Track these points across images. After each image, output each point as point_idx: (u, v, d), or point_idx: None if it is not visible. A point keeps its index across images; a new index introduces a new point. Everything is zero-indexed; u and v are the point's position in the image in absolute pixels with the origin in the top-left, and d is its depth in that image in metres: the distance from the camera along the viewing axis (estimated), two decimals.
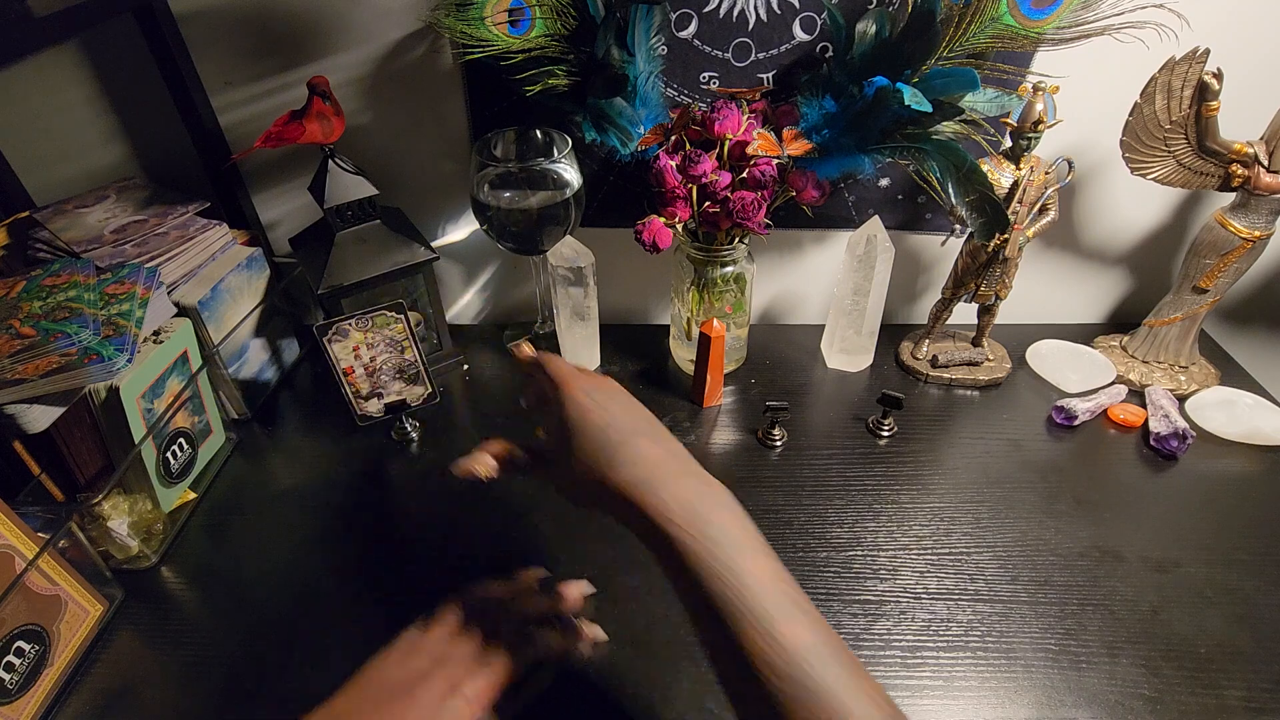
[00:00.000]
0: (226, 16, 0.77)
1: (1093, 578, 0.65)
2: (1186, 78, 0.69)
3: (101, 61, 0.80)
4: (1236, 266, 0.78)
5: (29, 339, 0.59)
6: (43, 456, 0.66)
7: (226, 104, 0.83)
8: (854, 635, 0.60)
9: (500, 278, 0.98)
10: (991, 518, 0.70)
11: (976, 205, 0.68)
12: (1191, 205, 0.89)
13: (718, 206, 0.73)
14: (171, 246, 0.74)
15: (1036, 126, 0.71)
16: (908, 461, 0.77)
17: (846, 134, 0.71)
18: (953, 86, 0.66)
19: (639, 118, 0.76)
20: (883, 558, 0.67)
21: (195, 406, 0.74)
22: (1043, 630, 0.60)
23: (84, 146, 0.85)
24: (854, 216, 0.89)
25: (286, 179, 0.90)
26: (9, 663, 0.54)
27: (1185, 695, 0.56)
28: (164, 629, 0.63)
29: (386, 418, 0.79)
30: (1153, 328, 0.86)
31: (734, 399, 0.86)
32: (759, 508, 0.72)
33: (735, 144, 0.72)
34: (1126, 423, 0.81)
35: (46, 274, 0.66)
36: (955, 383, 0.88)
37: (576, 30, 0.70)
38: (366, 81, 0.81)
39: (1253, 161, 0.73)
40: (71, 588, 0.59)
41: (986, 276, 0.81)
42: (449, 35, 0.72)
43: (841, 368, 0.91)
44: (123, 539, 0.65)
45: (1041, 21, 0.66)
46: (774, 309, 1.00)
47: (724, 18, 0.75)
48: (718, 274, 0.80)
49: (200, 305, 0.74)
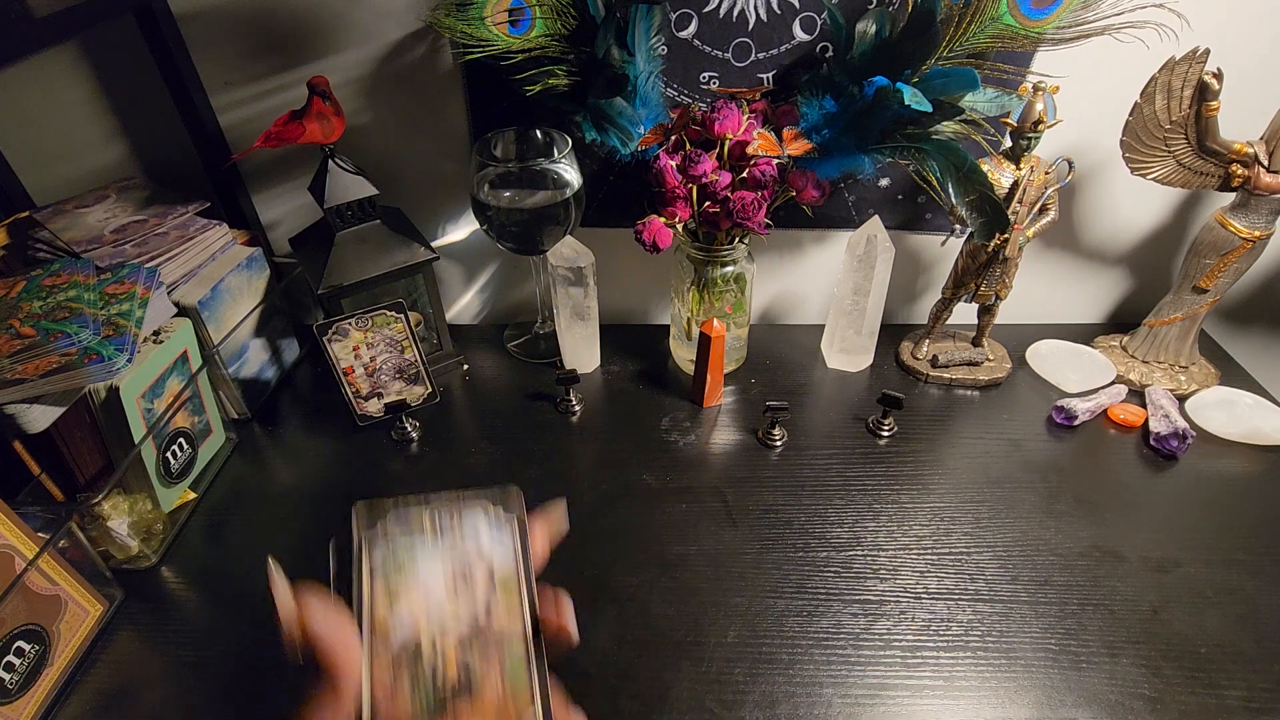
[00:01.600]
0: (226, 16, 0.77)
1: (1093, 578, 0.65)
2: (1186, 78, 0.69)
3: (101, 61, 0.80)
4: (1236, 266, 0.78)
5: (29, 339, 0.59)
6: (43, 456, 0.66)
7: (226, 104, 0.83)
8: (854, 635, 0.60)
9: (500, 278, 0.98)
10: (992, 518, 0.70)
11: (976, 205, 0.68)
12: (1191, 205, 0.89)
13: (718, 206, 0.73)
14: (171, 246, 0.74)
15: (1036, 126, 0.71)
16: (908, 461, 0.77)
17: (846, 134, 0.71)
18: (953, 86, 0.66)
19: (639, 118, 0.76)
20: (883, 558, 0.67)
21: (195, 406, 0.74)
22: (1043, 630, 0.60)
23: (84, 146, 0.85)
24: (854, 216, 0.89)
25: (286, 179, 0.90)
26: (9, 663, 0.54)
27: (1186, 695, 0.56)
28: (164, 629, 0.63)
29: (386, 418, 0.79)
30: (1153, 328, 0.86)
31: (734, 399, 0.86)
32: (759, 508, 0.72)
33: (735, 144, 0.72)
34: (1127, 423, 0.81)
35: (46, 274, 0.66)
36: (955, 383, 0.88)
37: (576, 30, 0.70)
38: (366, 81, 0.81)
39: (1253, 161, 0.72)
40: (71, 588, 0.59)
41: (987, 276, 0.81)
42: (449, 35, 0.72)
43: (841, 368, 0.91)
44: (123, 539, 0.65)
45: (1041, 21, 0.66)
46: (774, 309, 1.00)
47: (724, 18, 0.75)
48: (718, 274, 0.80)
49: (200, 305, 0.74)
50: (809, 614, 0.62)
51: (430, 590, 0.31)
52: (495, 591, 0.32)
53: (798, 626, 0.61)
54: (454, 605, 0.32)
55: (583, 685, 0.56)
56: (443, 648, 0.31)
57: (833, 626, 0.61)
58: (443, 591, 0.32)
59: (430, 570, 0.32)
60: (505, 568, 0.33)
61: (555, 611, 0.33)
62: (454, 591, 0.32)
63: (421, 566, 0.32)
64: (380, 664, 0.30)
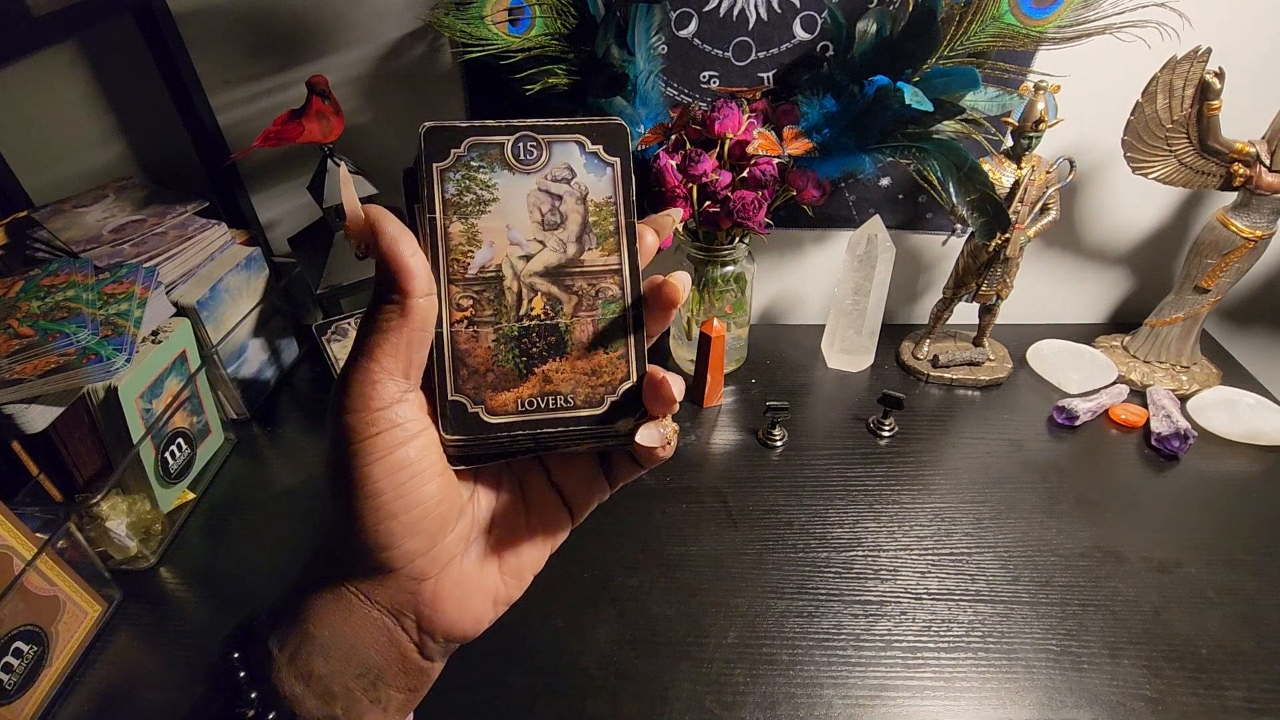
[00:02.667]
0: (226, 16, 0.77)
1: (1094, 578, 0.64)
2: (1188, 77, 0.69)
3: (100, 61, 0.80)
4: (1238, 266, 0.78)
5: (27, 339, 0.59)
6: (41, 457, 0.66)
7: (225, 103, 0.83)
8: (855, 636, 0.60)
9: None
10: (992, 518, 0.70)
11: (978, 205, 0.68)
12: (1193, 205, 0.88)
13: (718, 206, 0.72)
14: (170, 246, 0.74)
15: (1038, 126, 0.71)
16: (909, 462, 0.77)
17: (847, 133, 0.71)
18: (954, 85, 0.66)
19: (639, 117, 0.76)
20: (883, 558, 0.66)
21: (194, 406, 0.74)
22: (1044, 631, 0.60)
23: (83, 146, 0.85)
24: (854, 216, 0.89)
25: (285, 178, 0.89)
26: (7, 663, 0.53)
27: (1187, 696, 0.55)
28: (163, 630, 0.63)
29: None
30: (1154, 327, 0.86)
31: (734, 399, 0.86)
32: (759, 508, 0.71)
33: (735, 143, 0.71)
34: (1128, 423, 0.80)
35: (45, 274, 0.66)
36: (956, 383, 0.87)
37: (576, 29, 0.70)
38: (366, 81, 0.81)
39: (1254, 161, 0.72)
40: (70, 588, 0.59)
41: (987, 276, 0.81)
42: (448, 34, 0.72)
43: (842, 368, 0.91)
44: (121, 539, 0.65)
45: (1043, 20, 0.66)
46: (774, 309, 1.00)
47: (724, 17, 0.75)
48: (718, 274, 0.80)
49: (199, 305, 0.74)
50: (809, 615, 0.62)
51: (514, 223, 0.28)
52: (590, 230, 0.29)
53: (798, 627, 0.61)
54: (541, 236, 0.28)
55: (583, 685, 0.56)
56: (529, 279, 0.28)
57: (833, 627, 0.61)
58: (528, 223, 0.28)
59: (514, 205, 0.28)
60: (602, 205, 0.29)
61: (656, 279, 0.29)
62: (541, 224, 0.28)
63: (504, 201, 0.28)
64: (458, 289, 0.27)
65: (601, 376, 0.28)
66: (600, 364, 0.28)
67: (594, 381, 0.28)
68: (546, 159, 0.28)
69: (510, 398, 0.27)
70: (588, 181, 0.29)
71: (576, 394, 0.28)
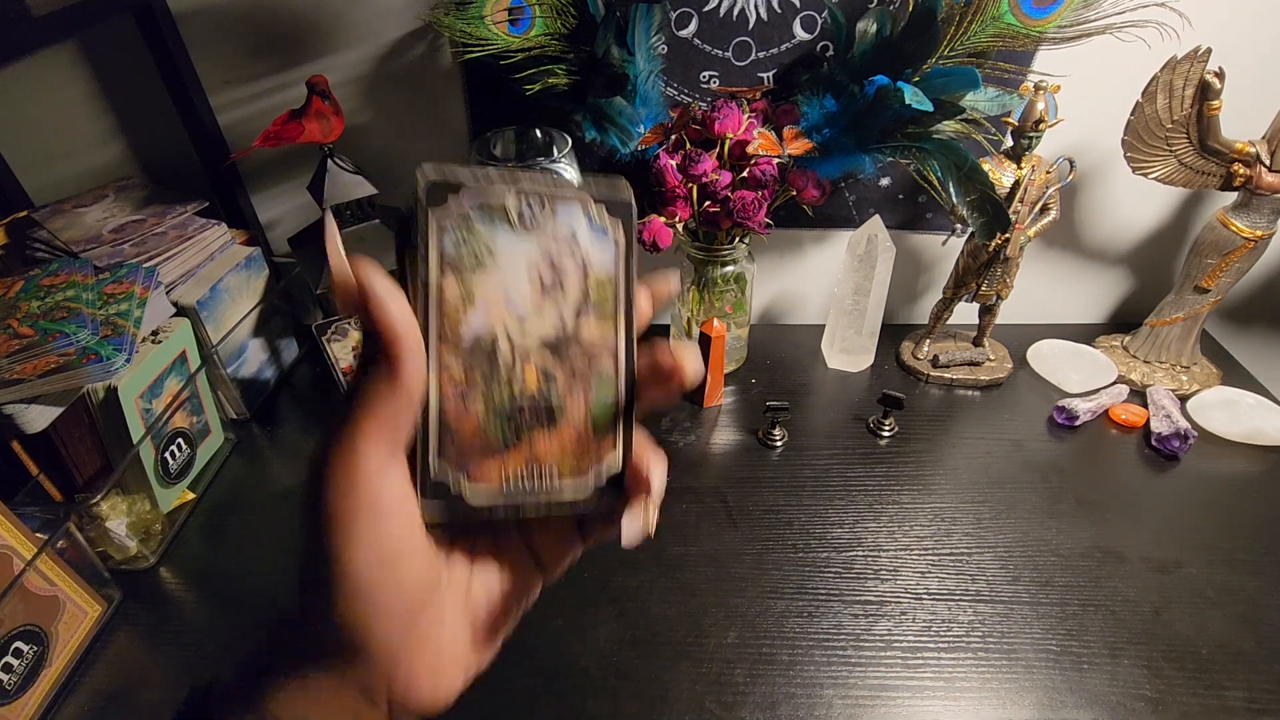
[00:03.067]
0: (226, 16, 0.77)
1: (1094, 578, 0.64)
2: (1188, 77, 0.69)
3: (100, 61, 0.80)
4: (1238, 266, 0.78)
5: (27, 339, 0.59)
6: (41, 456, 0.66)
7: (225, 103, 0.83)
8: (855, 636, 0.60)
9: None
10: (993, 518, 0.70)
11: (978, 204, 0.68)
12: (1193, 205, 0.88)
13: (718, 206, 0.72)
14: (170, 246, 0.74)
15: (1038, 126, 0.71)
16: (909, 462, 0.77)
17: (847, 133, 0.71)
18: (954, 85, 0.66)
19: (639, 117, 0.76)
20: (884, 558, 0.66)
21: (194, 406, 0.74)
22: (1044, 631, 0.60)
23: (82, 146, 0.85)
24: (854, 216, 0.89)
25: (285, 179, 0.89)
26: (7, 663, 0.53)
27: (1187, 696, 0.55)
28: (163, 630, 0.62)
29: None
30: (1154, 327, 0.86)
31: (734, 399, 0.86)
32: (759, 508, 0.71)
33: (735, 143, 0.71)
34: (1128, 423, 0.80)
35: (45, 274, 0.66)
36: (956, 383, 0.87)
37: (576, 29, 0.70)
38: (366, 81, 0.81)
39: (1254, 161, 0.72)
40: (70, 588, 0.59)
41: (988, 276, 0.81)
42: (448, 34, 0.72)
43: (842, 368, 0.91)
44: (121, 539, 0.65)
45: (1043, 20, 0.66)
46: (774, 309, 1.00)
47: (724, 16, 0.75)
48: (718, 274, 0.80)
49: (199, 305, 0.74)
50: (809, 615, 0.62)
51: (511, 288, 0.26)
52: (589, 301, 0.27)
53: (798, 627, 0.61)
54: (538, 304, 0.27)
55: (583, 685, 0.56)
56: (523, 349, 0.26)
57: (833, 627, 0.61)
58: (526, 289, 0.26)
59: (512, 265, 0.26)
60: (603, 278, 0.27)
61: (664, 350, 0.27)
62: (539, 291, 0.27)
63: (503, 263, 0.26)
64: (448, 352, 0.26)
65: (588, 456, 0.27)
66: (588, 443, 0.27)
67: (580, 460, 0.27)
68: (550, 221, 0.27)
69: (494, 469, 0.26)
70: (590, 251, 0.27)
71: (562, 470, 0.27)
